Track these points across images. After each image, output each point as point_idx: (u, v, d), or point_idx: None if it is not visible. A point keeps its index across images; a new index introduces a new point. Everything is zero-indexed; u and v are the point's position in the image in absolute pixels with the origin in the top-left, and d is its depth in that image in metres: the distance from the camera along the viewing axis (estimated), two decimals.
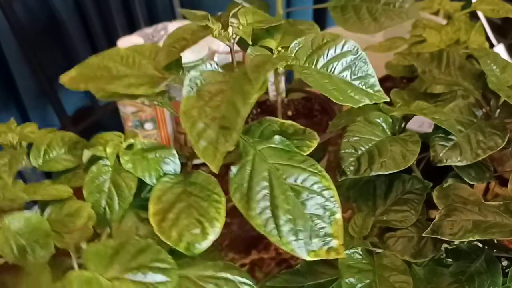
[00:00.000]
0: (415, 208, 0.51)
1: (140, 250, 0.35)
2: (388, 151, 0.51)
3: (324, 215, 0.38)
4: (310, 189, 0.39)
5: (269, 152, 0.40)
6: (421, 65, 0.62)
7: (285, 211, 0.38)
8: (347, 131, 0.53)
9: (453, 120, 0.53)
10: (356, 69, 0.42)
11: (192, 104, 0.36)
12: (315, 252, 0.37)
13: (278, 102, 0.79)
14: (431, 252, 0.48)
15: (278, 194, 0.38)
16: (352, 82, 0.42)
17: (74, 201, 0.41)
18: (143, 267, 0.35)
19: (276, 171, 0.39)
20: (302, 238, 0.37)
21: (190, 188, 0.41)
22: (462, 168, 0.53)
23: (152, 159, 0.42)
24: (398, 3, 0.57)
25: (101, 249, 0.35)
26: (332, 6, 0.60)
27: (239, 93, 0.35)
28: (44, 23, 0.87)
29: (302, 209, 0.38)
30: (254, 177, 0.39)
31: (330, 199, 0.39)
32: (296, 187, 0.39)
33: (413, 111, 0.54)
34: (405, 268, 0.46)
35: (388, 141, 0.52)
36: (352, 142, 0.52)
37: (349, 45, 0.42)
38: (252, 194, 0.38)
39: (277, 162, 0.40)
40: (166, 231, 0.38)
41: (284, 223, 0.38)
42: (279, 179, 0.39)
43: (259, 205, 0.38)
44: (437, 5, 0.75)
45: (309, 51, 0.42)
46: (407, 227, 0.51)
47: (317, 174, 0.39)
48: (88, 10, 0.93)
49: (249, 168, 0.40)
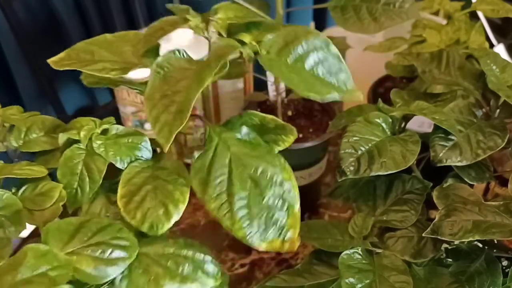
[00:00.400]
0: (415, 208, 0.51)
1: (101, 228, 0.37)
2: (388, 151, 0.51)
3: (281, 207, 0.39)
4: (269, 180, 0.39)
5: (234, 141, 0.41)
6: (421, 65, 0.62)
7: (240, 198, 0.38)
8: (347, 131, 0.53)
9: (453, 120, 0.53)
10: (328, 65, 0.41)
11: (156, 88, 0.37)
12: (269, 242, 0.38)
13: (278, 102, 0.79)
14: (431, 252, 0.48)
15: (236, 182, 0.39)
16: (324, 77, 0.41)
17: (48, 181, 0.43)
18: (102, 243, 0.36)
19: (237, 160, 0.40)
20: (256, 226, 0.38)
21: (158, 172, 0.42)
22: (462, 168, 0.53)
23: (124, 144, 0.44)
24: (398, 3, 0.57)
25: (63, 226, 0.36)
26: (332, 6, 0.60)
27: (196, 79, 0.37)
28: (44, 23, 0.87)
29: (260, 199, 0.39)
30: (215, 163, 0.40)
31: (289, 191, 0.39)
32: (256, 177, 0.39)
33: (413, 111, 0.54)
34: (405, 268, 0.46)
35: (388, 141, 0.52)
36: (352, 142, 0.52)
37: (320, 41, 0.42)
38: (210, 179, 0.39)
39: (240, 151, 0.41)
40: (131, 212, 0.39)
41: (238, 209, 0.38)
42: (239, 168, 0.40)
43: (216, 190, 0.39)
44: (437, 5, 0.75)
45: (281, 45, 0.42)
46: (407, 227, 0.51)
47: (278, 166, 0.40)
48: (88, 10, 0.92)
49: (211, 154, 0.41)
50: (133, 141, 0.44)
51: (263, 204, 0.39)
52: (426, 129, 0.66)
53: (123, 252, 0.36)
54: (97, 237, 0.36)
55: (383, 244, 0.50)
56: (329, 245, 0.50)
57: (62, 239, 0.35)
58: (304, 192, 0.41)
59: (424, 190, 0.53)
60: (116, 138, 0.44)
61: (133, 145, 0.44)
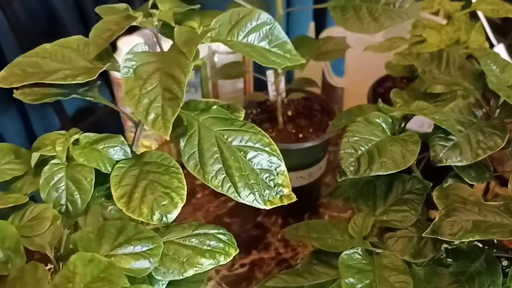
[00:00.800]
0: (415, 208, 0.51)
1: (120, 228, 0.38)
2: (388, 151, 0.51)
3: (271, 169, 0.42)
4: (254, 147, 0.43)
5: (211, 121, 0.44)
6: (421, 65, 0.62)
7: (237, 169, 0.41)
8: (347, 131, 0.53)
9: (453, 120, 0.53)
10: (273, 38, 0.46)
11: (132, 84, 0.39)
12: (270, 201, 0.41)
13: (278, 102, 0.79)
14: (431, 252, 0.48)
15: (228, 156, 0.42)
16: (271, 49, 0.45)
17: (35, 205, 0.41)
18: (130, 240, 0.38)
19: (221, 136, 0.43)
20: (257, 190, 0.41)
21: (146, 167, 0.43)
22: (462, 168, 0.53)
23: (103, 149, 0.44)
24: (398, 3, 0.57)
25: (85, 236, 0.38)
26: (332, 6, 0.60)
27: (177, 66, 0.40)
28: (44, 23, 0.87)
29: (251, 165, 0.42)
30: (204, 144, 0.43)
31: (274, 153, 0.43)
32: (242, 147, 0.43)
33: (413, 111, 0.54)
34: (405, 268, 0.46)
35: (388, 141, 0.52)
36: (352, 142, 0.52)
37: (264, 17, 0.45)
38: (205, 160, 0.42)
39: (221, 128, 0.44)
40: (136, 209, 0.40)
41: (239, 180, 0.41)
42: (226, 143, 0.43)
43: (213, 168, 0.42)
44: (437, 5, 0.75)
45: (229, 27, 0.45)
46: (407, 227, 0.51)
47: (257, 133, 0.43)
48: (88, 10, 0.92)
49: (196, 137, 0.43)
50: (110, 144, 0.44)
51: (255, 170, 0.42)
52: (426, 129, 0.66)
53: (150, 242, 0.38)
54: (121, 237, 0.38)
55: (383, 244, 0.50)
56: (329, 245, 0.50)
57: (91, 246, 0.37)
58: (304, 192, 0.41)
59: (424, 190, 0.53)
60: (92, 145, 0.44)
61: (110, 148, 0.44)
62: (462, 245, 0.50)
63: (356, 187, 0.58)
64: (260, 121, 0.83)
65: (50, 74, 0.43)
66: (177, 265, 0.40)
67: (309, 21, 0.95)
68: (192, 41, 0.41)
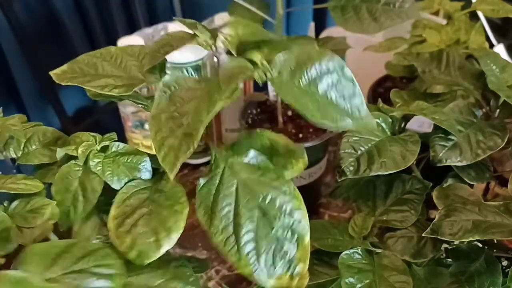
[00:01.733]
0: (415, 208, 0.51)
1: (87, 253, 0.34)
2: (388, 151, 0.51)
3: (291, 238, 0.36)
4: (278, 209, 0.37)
5: (241, 166, 0.39)
6: (421, 65, 0.62)
7: (248, 231, 0.36)
8: (347, 131, 0.53)
9: (453, 120, 0.53)
10: (341, 88, 0.38)
11: (162, 109, 0.35)
12: (277, 278, 0.35)
13: (278, 102, 0.79)
14: (431, 252, 0.48)
15: (244, 212, 0.36)
16: (337, 102, 0.38)
17: (40, 197, 0.41)
18: (86, 271, 0.33)
19: (244, 187, 0.37)
20: (263, 261, 0.35)
21: (156, 195, 0.40)
22: (462, 168, 0.53)
23: (123, 164, 0.42)
24: (398, 3, 0.57)
25: (46, 249, 0.33)
26: (332, 6, 0.60)
27: (207, 101, 0.34)
28: (44, 23, 0.87)
29: (268, 230, 0.36)
30: (221, 191, 0.37)
31: (300, 221, 0.37)
32: (264, 206, 0.37)
33: (413, 111, 0.54)
34: (404, 268, 0.46)
35: (388, 141, 0.52)
36: (352, 142, 0.52)
37: (335, 63, 0.38)
38: (216, 210, 0.37)
39: (247, 178, 0.38)
40: (121, 236, 0.37)
41: (246, 243, 0.36)
42: (246, 197, 0.37)
43: (222, 222, 0.36)
44: (437, 5, 0.75)
45: (293, 66, 0.39)
46: (407, 227, 0.51)
47: (288, 193, 0.37)
48: (88, 10, 0.93)
49: (217, 181, 0.38)
50: (132, 161, 0.42)
51: (271, 236, 0.36)
52: (426, 129, 0.65)
53: (107, 281, 0.33)
54: (81, 263, 0.33)
55: (383, 244, 0.50)
56: (329, 245, 0.50)
57: (44, 264, 0.33)
58: (304, 192, 0.41)
59: (424, 190, 0.53)
60: (115, 157, 0.42)
61: (132, 165, 0.42)
62: (462, 245, 0.50)
63: (356, 187, 0.58)
64: (260, 121, 0.83)
65: (97, 78, 0.41)
66: None
67: (309, 21, 0.96)
68: (234, 77, 0.35)
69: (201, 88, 0.36)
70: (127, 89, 0.39)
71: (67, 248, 0.34)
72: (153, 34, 0.82)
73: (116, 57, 0.43)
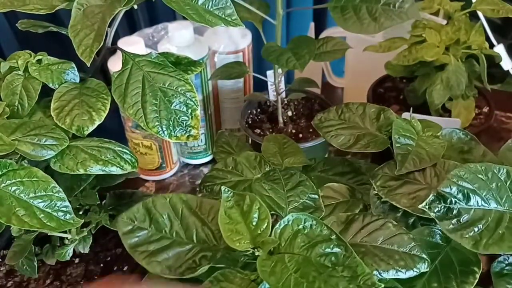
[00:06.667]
0: None
1: (38, 126, 0.49)
2: None
3: (186, 111, 0.50)
4: (175, 91, 0.50)
5: (145, 63, 0.52)
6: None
7: (151, 104, 0.49)
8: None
9: None
10: (216, 1, 0.50)
11: (78, 20, 0.50)
12: (177, 137, 0.49)
13: (278, 102, 0.79)
14: None
15: (148, 93, 0.50)
16: (212, 10, 0.50)
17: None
18: (39, 134, 0.48)
19: (148, 76, 0.51)
20: (164, 125, 0.49)
21: (84, 90, 0.53)
22: None
23: (55, 70, 0.54)
24: (398, 3, 0.57)
25: (7, 123, 0.48)
26: (332, 6, 0.60)
27: (110, 9, 0.48)
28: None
29: (168, 105, 0.49)
30: (131, 80, 0.51)
31: (192, 99, 0.50)
32: (164, 89, 0.50)
33: None
34: None
35: None
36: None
37: None
38: (127, 92, 0.50)
39: (151, 70, 0.51)
40: (62, 119, 0.50)
41: (150, 113, 0.49)
42: (150, 82, 0.50)
43: (132, 100, 0.50)
44: (437, 5, 0.75)
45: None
46: None
47: (182, 80, 0.51)
48: None
49: (127, 73, 0.51)
50: (62, 67, 0.54)
51: (171, 109, 0.49)
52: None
53: (55, 141, 0.48)
54: (35, 131, 0.48)
55: None
56: None
57: (6, 131, 0.47)
58: None
59: None
60: (48, 65, 0.54)
61: (62, 70, 0.54)
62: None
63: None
64: (260, 121, 0.83)
65: (25, 5, 0.55)
66: (72, 163, 0.48)
67: (309, 21, 0.95)
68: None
69: (107, 3, 0.50)
70: (49, 9, 0.54)
71: (23, 123, 0.49)
72: (153, 34, 0.82)
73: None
